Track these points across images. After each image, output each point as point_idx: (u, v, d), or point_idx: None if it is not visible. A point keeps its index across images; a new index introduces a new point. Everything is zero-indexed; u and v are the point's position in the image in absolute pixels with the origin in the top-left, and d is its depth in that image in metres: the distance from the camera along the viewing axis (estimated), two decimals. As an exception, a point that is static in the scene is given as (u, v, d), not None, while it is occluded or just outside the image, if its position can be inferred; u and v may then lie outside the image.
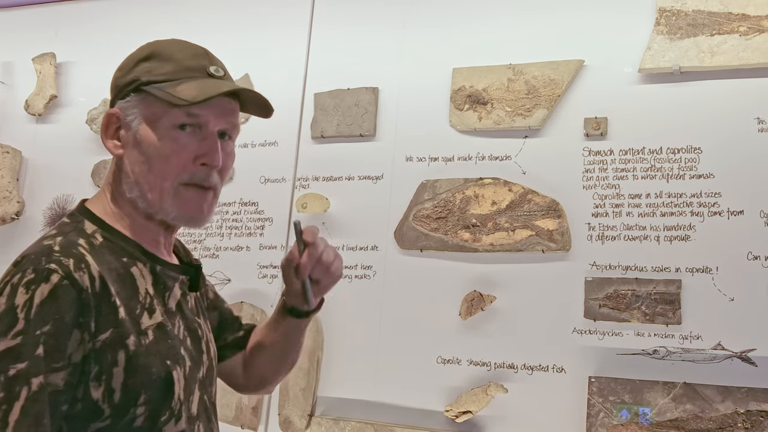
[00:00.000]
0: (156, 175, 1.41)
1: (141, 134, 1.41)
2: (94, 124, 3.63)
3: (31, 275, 1.24)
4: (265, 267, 3.27)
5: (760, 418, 2.45)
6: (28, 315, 1.21)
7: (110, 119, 1.45)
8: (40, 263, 1.25)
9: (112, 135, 1.45)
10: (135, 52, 1.47)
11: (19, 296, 1.22)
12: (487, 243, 2.91)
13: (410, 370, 2.94)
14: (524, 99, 2.97)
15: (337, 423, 2.95)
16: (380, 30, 3.31)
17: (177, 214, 1.43)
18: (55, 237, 1.34)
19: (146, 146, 1.41)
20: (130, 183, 1.43)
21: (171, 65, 1.43)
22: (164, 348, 1.37)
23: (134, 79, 1.42)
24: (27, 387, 1.19)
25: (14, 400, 1.18)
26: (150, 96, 1.41)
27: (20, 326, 1.20)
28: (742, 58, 2.69)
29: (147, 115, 1.41)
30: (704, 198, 2.69)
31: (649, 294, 2.67)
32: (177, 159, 1.41)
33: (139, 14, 3.76)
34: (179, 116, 1.41)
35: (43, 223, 3.70)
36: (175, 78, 1.42)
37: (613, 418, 2.60)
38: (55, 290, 1.23)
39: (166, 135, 1.41)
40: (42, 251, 1.28)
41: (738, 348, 2.55)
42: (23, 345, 1.20)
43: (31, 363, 1.20)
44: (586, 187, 2.85)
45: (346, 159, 3.23)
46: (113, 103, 1.46)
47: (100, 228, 1.40)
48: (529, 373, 2.79)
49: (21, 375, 1.19)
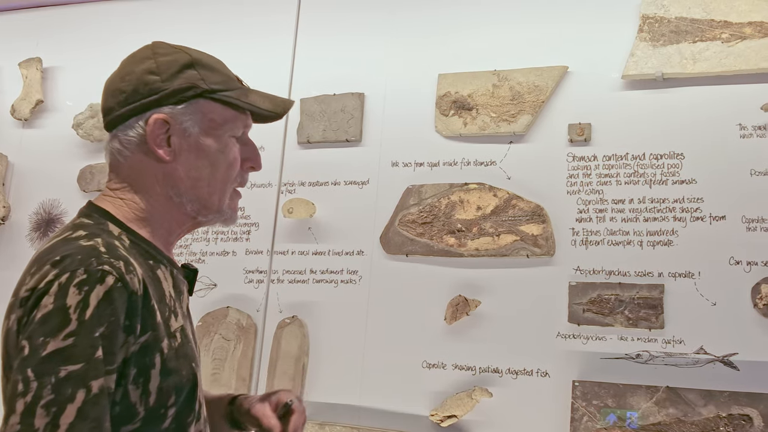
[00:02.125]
0: (220, 180, 1.46)
1: (203, 141, 1.43)
2: (81, 129, 3.62)
3: (83, 276, 1.22)
4: (251, 272, 3.27)
5: (743, 421, 2.48)
6: (82, 316, 1.19)
7: (158, 125, 1.41)
8: (92, 264, 1.23)
9: (161, 141, 1.42)
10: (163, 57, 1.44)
11: (71, 297, 1.20)
12: (472, 248, 2.93)
13: (396, 374, 2.95)
14: (509, 105, 2.99)
15: (323, 428, 2.96)
16: (366, 36, 3.33)
17: (229, 215, 1.50)
18: (91, 237, 1.31)
19: (210, 153, 1.44)
20: (182, 188, 1.43)
21: (218, 75, 1.46)
22: (189, 351, 1.39)
23: (192, 86, 1.42)
24: (84, 390, 1.17)
25: (67, 402, 1.15)
26: (212, 103, 1.44)
27: (72, 327, 1.18)
28: (725, 65, 2.72)
29: (208, 122, 1.44)
30: (687, 203, 2.71)
31: (633, 299, 2.69)
32: (236, 165, 1.49)
33: (124, 21, 3.76)
34: (239, 126, 1.48)
35: (29, 228, 3.70)
36: (229, 87, 1.46)
37: (597, 422, 2.62)
38: (110, 292, 1.22)
39: (228, 142, 1.46)
40: (89, 252, 1.26)
41: (720, 352, 2.57)
42: (76, 346, 1.18)
43: (89, 365, 1.18)
44: (570, 192, 2.87)
45: (332, 164, 3.24)
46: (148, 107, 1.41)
47: (123, 230, 1.40)
48: (513, 377, 2.81)
49: (75, 376, 1.17)
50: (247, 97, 1.47)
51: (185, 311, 1.47)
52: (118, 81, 1.45)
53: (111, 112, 1.45)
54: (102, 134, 3.59)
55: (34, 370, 1.16)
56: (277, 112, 1.51)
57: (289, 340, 3.08)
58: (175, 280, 1.45)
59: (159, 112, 1.41)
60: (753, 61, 2.69)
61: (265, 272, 3.24)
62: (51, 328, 1.18)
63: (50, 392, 1.15)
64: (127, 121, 1.43)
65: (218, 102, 1.44)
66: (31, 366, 1.17)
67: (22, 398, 1.15)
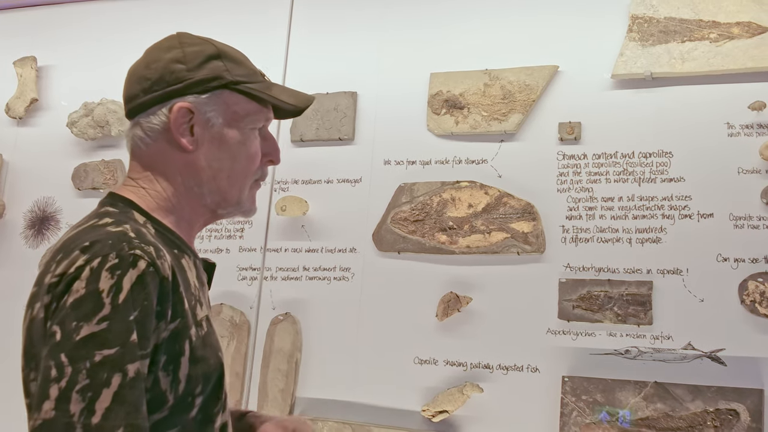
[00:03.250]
0: (240, 172, 1.45)
1: (226, 133, 1.43)
2: (75, 127, 3.64)
3: (115, 260, 1.20)
4: (244, 269, 3.29)
5: (729, 416, 2.51)
6: (116, 300, 1.17)
7: (182, 113, 1.41)
8: (123, 249, 1.22)
9: (184, 130, 1.41)
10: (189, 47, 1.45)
11: (104, 281, 1.18)
12: (463, 245, 2.96)
13: (387, 370, 2.98)
14: (500, 104, 3.02)
15: (316, 423, 2.98)
16: (359, 35, 3.36)
17: (248, 208, 1.50)
18: (119, 224, 1.30)
19: (232, 145, 1.44)
20: (204, 178, 1.43)
21: (243, 67, 1.47)
22: (215, 340, 1.39)
23: (217, 76, 1.42)
24: (121, 374, 1.15)
25: (102, 387, 1.14)
26: (235, 95, 1.44)
27: (106, 311, 1.17)
28: (713, 65, 2.75)
29: (231, 114, 1.44)
30: (675, 201, 2.75)
31: (621, 295, 2.72)
32: (257, 158, 1.48)
33: (118, 20, 3.78)
34: (261, 118, 1.48)
35: (24, 226, 3.71)
36: (253, 80, 1.46)
37: (586, 417, 2.65)
38: (143, 276, 1.21)
39: (249, 134, 1.46)
40: (119, 237, 1.25)
41: (708, 348, 2.60)
42: (111, 331, 1.16)
43: (125, 349, 1.16)
44: (560, 190, 2.90)
45: (325, 162, 3.27)
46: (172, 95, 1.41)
47: (148, 219, 1.39)
48: (504, 373, 2.84)
49: (110, 361, 1.15)
50: (270, 91, 1.47)
51: (208, 302, 1.48)
52: (143, 68, 1.44)
53: (134, 98, 1.44)
54: (96, 133, 3.61)
55: (68, 355, 1.14)
56: (300, 106, 1.51)
57: (283, 337, 3.10)
58: (198, 270, 1.45)
59: (183, 100, 1.40)
60: (741, 61, 2.72)
61: (259, 269, 3.26)
62: (84, 312, 1.17)
63: (85, 377, 1.13)
64: (151, 108, 1.42)
65: (242, 94, 1.44)
66: (64, 351, 1.15)
67: (56, 384, 1.13)
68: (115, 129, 3.57)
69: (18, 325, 1.31)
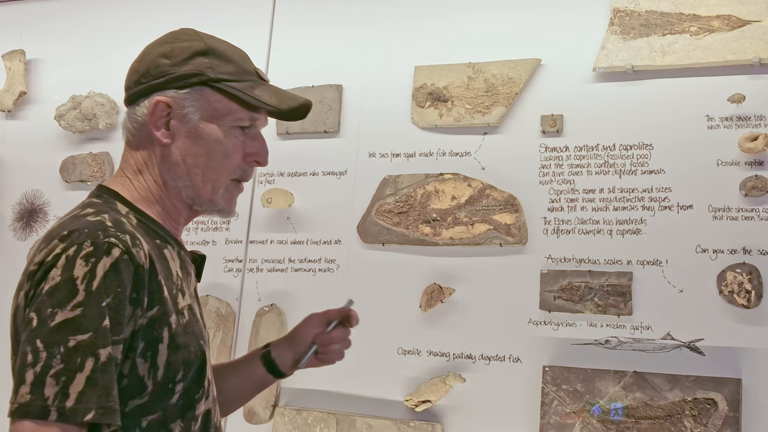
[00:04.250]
0: (214, 169, 1.46)
1: (203, 129, 1.45)
2: (63, 120, 3.66)
3: (89, 248, 1.23)
4: (230, 261, 3.32)
5: (707, 405, 2.54)
6: (89, 287, 1.21)
7: (159, 107, 1.44)
8: (98, 237, 1.25)
9: (160, 123, 1.44)
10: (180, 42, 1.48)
11: (78, 268, 1.22)
12: (446, 237, 2.98)
13: (371, 361, 3.00)
14: (483, 97, 3.04)
15: (300, 413, 3.01)
16: (343, 28, 3.37)
17: (223, 206, 1.51)
18: (99, 213, 1.33)
19: (208, 141, 1.45)
20: (178, 172, 1.45)
21: (232, 66, 1.48)
22: (197, 329, 1.42)
23: (198, 73, 1.44)
24: (93, 358, 1.18)
25: (76, 372, 1.17)
26: (216, 92, 1.45)
27: (80, 298, 1.20)
28: (693, 58, 2.78)
29: (210, 111, 1.45)
30: (655, 193, 2.77)
31: (602, 286, 2.75)
32: (236, 156, 1.48)
33: (106, 13, 3.79)
34: (245, 118, 1.48)
35: (12, 219, 3.73)
36: (239, 79, 1.47)
37: (566, 406, 2.68)
38: (117, 263, 1.24)
39: (229, 133, 1.47)
40: (95, 226, 1.28)
41: (686, 338, 2.63)
42: (85, 316, 1.19)
43: (97, 334, 1.19)
44: (542, 182, 2.93)
45: (311, 155, 3.29)
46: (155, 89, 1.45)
47: (131, 210, 1.42)
48: (486, 363, 2.87)
49: (84, 346, 1.18)
50: (252, 91, 1.47)
51: (193, 293, 1.49)
52: (137, 61, 1.49)
53: (127, 90, 1.49)
54: (83, 126, 3.63)
55: (43, 341, 1.18)
56: (281, 108, 1.50)
57: (268, 328, 3.13)
58: (182, 261, 1.47)
59: (163, 94, 1.43)
60: (720, 54, 2.75)
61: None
62: (59, 299, 1.20)
63: (59, 362, 1.17)
64: (138, 100, 1.46)
65: (222, 92, 1.45)
66: (39, 337, 1.18)
67: (31, 369, 1.17)
68: (102, 122, 3.59)
69: (6, 315, 1.34)
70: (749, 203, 2.65)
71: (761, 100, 2.69)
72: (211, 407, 1.46)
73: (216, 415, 1.49)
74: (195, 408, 1.39)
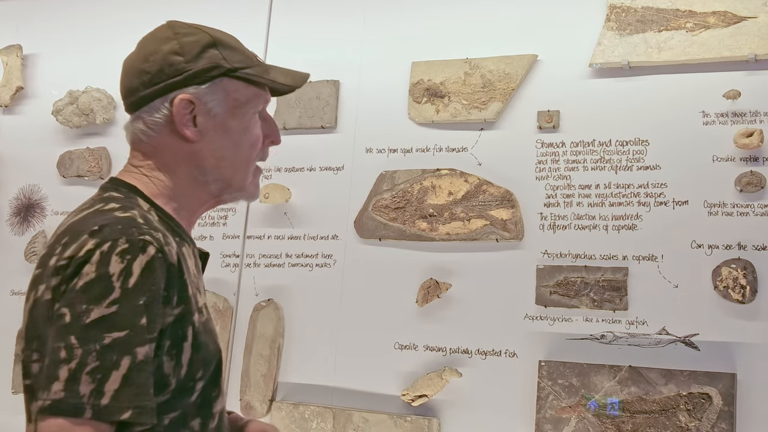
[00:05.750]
0: (244, 158, 1.47)
1: (228, 120, 1.44)
2: (60, 115, 3.66)
3: (125, 245, 1.22)
4: (227, 256, 3.33)
5: (702, 400, 2.55)
6: (126, 284, 1.19)
7: (183, 105, 1.41)
8: (133, 234, 1.24)
9: (187, 121, 1.42)
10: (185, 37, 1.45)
11: (114, 265, 1.20)
12: (443, 232, 2.99)
13: (368, 355, 3.02)
14: (480, 92, 3.05)
15: (297, 408, 3.03)
16: (341, 24, 3.38)
17: (251, 192, 1.52)
18: (126, 209, 1.33)
19: (236, 132, 1.45)
20: (207, 167, 1.44)
21: (239, 53, 1.47)
22: (213, 327, 1.42)
23: (215, 65, 1.43)
24: (130, 356, 1.17)
25: (112, 369, 1.16)
26: (235, 82, 1.44)
27: (116, 295, 1.18)
28: (688, 54, 2.79)
29: (232, 101, 1.44)
30: (651, 188, 2.79)
31: (598, 281, 2.76)
32: (260, 143, 1.49)
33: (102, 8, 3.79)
34: (260, 102, 1.49)
35: (9, 213, 3.73)
36: (249, 65, 1.47)
37: (562, 401, 2.70)
38: (152, 261, 1.23)
39: (252, 120, 1.48)
40: (128, 222, 1.27)
41: (682, 333, 2.64)
42: (120, 314, 1.18)
43: (134, 332, 1.18)
44: (538, 178, 2.94)
45: (308, 150, 3.30)
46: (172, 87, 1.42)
47: (151, 206, 1.41)
48: (482, 357, 2.88)
49: (120, 344, 1.17)
50: (267, 74, 1.48)
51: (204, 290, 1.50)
52: (141, 61, 1.44)
53: (135, 92, 1.44)
54: (81, 121, 3.63)
55: (78, 337, 1.16)
56: (297, 85, 1.52)
57: (265, 323, 3.14)
58: (196, 258, 1.47)
59: (184, 92, 1.41)
60: (716, 50, 2.75)
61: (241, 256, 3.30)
62: (94, 295, 1.18)
63: (95, 359, 1.15)
64: (152, 102, 1.42)
65: (241, 80, 1.45)
66: (74, 333, 1.17)
67: (65, 365, 1.15)
68: (99, 117, 3.59)
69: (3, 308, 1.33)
70: (744, 199, 2.66)
71: (757, 97, 2.70)
72: (224, 406, 1.46)
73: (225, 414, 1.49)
74: (212, 406, 1.39)
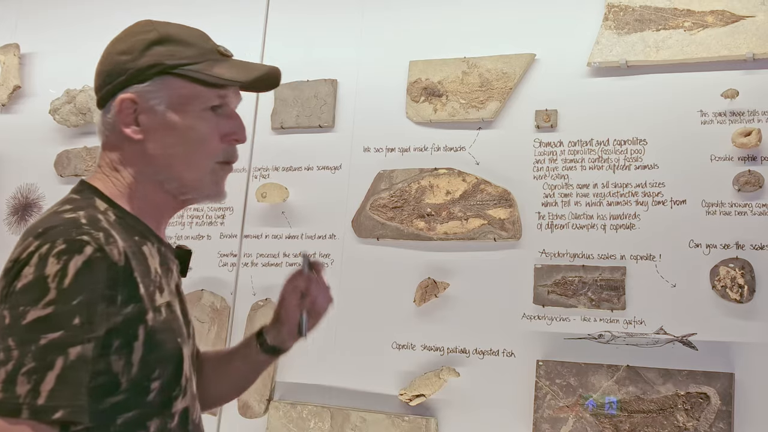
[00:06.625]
0: (194, 156, 1.44)
1: (171, 118, 1.42)
2: (57, 114, 3.66)
3: (62, 246, 1.22)
4: (225, 255, 3.32)
5: (700, 399, 2.55)
6: (61, 285, 1.20)
7: (125, 104, 1.41)
8: (71, 234, 1.24)
9: (129, 121, 1.42)
10: (135, 36, 1.45)
11: (50, 266, 1.21)
12: (441, 232, 2.99)
13: (366, 355, 3.02)
14: (478, 92, 3.05)
15: (295, 407, 3.02)
16: (338, 23, 3.37)
17: (212, 191, 1.48)
18: (75, 210, 1.33)
19: (180, 129, 1.42)
20: (158, 166, 1.43)
21: (190, 48, 1.45)
22: (175, 326, 1.41)
23: (156, 63, 1.41)
24: (63, 357, 1.18)
25: (47, 370, 1.17)
26: (178, 79, 1.42)
27: (52, 296, 1.19)
28: (687, 53, 2.78)
29: (176, 98, 1.42)
30: (649, 188, 2.78)
31: (595, 281, 2.76)
32: (213, 139, 1.45)
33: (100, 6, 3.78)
34: (212, 98, 1.44)
35: (7, 213, 3.73)
36: (200, 60, 1.44)
37: (559, 400, 2.69)
38: (89, 261, 1.23)
39: (200, 116, 1.44)
40: (69, 223, 1.27)
41: (679, 332, 2.64)
42: (56, 315, 1.19)
43: (68, 333, 1.19)
44: (536, 177, 2.93)
45: (305, 149, 3.30)
46: (120, 87, 1.42)
47: (110, 206, 1.40)
48: (480, 357, 2.88)
49: (55, 344, 1.18)
50: (211, 69, 1.44)
51: (173, 289, 1.48)
52: (99, 63, 1.47)
53: (97, 93, 1.47)
54: (78, 120, 3.63)
55: (16, 339, 1.18)
56: (244, 80, 1.46)
57: (263, 322, 3.06)
58: (162, 257, 1.45)
59: (127, 92, 1.41)
60: (714, 49, 2.75)
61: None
62: (31, 297, 1.20)
63: (31, 360, 1.16)
64: (107, 102, 1.44)
65: (184, 77, 1.42)
66: (13, 335, 1.18)
67: (3, 367, 1.17)
68: (97, 116, 3.57)
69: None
70: (742, 198, 2.66)
71: (755, 96, 2.70)
72: (189, 404, 1.45)
73: (195, 411, 1.48)
74: (172, 406, 1.38)
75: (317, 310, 1.66)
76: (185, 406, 1.43)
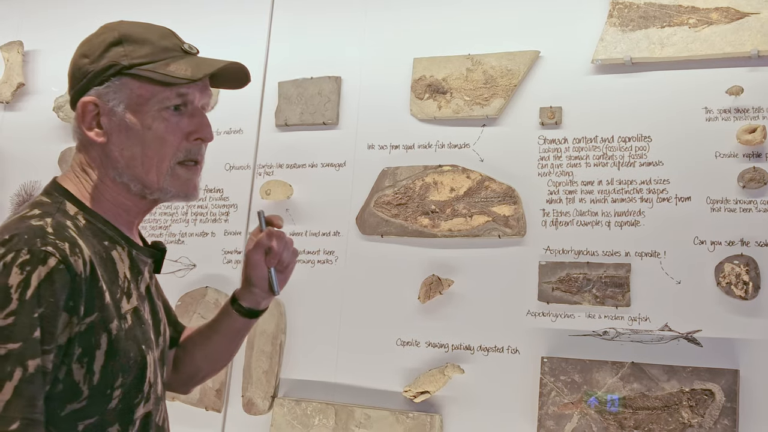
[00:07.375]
0: (153, 157, 1.43)
1: (130, 119, 1.41)
2: (61, 111, 3.66)
3: (26, 256, 1.23)
4: (229, 252, 3.33)
5: (704, 396, 2.55)
6: (23, 296, 1.21)
7: (86, 107, 1.42)
8: (36, 245, 1.25)
9: (92, 124, 1.43)
10: (97, 37, 1.46)
11: (14, 276, 1.22)
12: (445, 229, 2.99)
13: (370, 352, 3.02)
14: (482, 88, 3.05)
15: (299, 404, 3.02)
16: (343, 20, 3.37)
17: (176, 192, 1.47)
18: (42, 217, 1.33)
19: (138, 130, 1.42)
20: (120, 168, 1.43)
21: (148, 47, 1.44)
22: (140, 333, 1.41)
23: (113, 64, 1.41)
24: (21, 368, 1.19)
25: (5, 380, 1.18)
26: (135, 79, 1.41)
27: (13, 306, 1.20)
28: (691, 50, 2.78)
29: (134, 99, 1.42)
30: (653, 185, 2.78)
31: (600, 277, 2.76)
32: (173, 139, 1.44)
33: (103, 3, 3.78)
34: (171, 96, 1.43)
35: (10, 210, 3.73)
36: (157, 59, 1.43)
37: (564, 397, 2.70)
38: (52, 273, 1.23)
39: (158, 116, 1.43)
40: (35, 232, 1.28)
41: (684, 329, 2.64)
42: (16, 325, 1.20)
43: (27, 345, 1.20)
44: (541, 174, 2.93)
45: (310, 147, 3.30)
46: (82, 90, 1.43)
47: (81, 210, 1.41)
48: (484, 354, 2.88)
49: (14, 355, 1.19)
50: (165, 68, 1.43)
51: (142, 292, 1.48)
52: (69, 67, 1.48)
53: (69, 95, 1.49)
54: (82, 117, 3.63)
55: None
56: (195, 77, 1.43)
57: (267, 319, 3.13)
58: (133, 260, 1.46)
59: (89, 95, 1.42)
60: (719, 46, 2.75)
61: (244, 256, 3.29)
62: None
63: None
64: (74, 105, 1.45)
65: (140, 77, 1.42)
66: None
67: None
68: (89, 115, 3.58)
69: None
70: (747, 195, 2.66)
71: (759, 93, 2.70)
72: (152, 409, 1.45)
73: (159, 414, 1.49)
74: (134, 412, 1.39)
75: (284, 263, 1.66)
76: (147, 412, 1.43)
